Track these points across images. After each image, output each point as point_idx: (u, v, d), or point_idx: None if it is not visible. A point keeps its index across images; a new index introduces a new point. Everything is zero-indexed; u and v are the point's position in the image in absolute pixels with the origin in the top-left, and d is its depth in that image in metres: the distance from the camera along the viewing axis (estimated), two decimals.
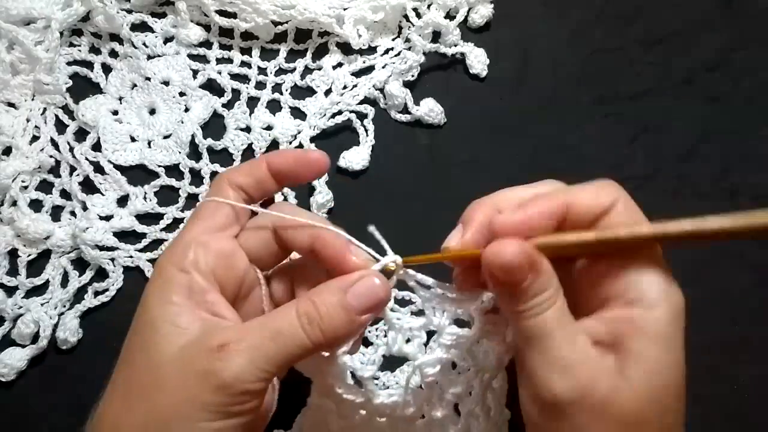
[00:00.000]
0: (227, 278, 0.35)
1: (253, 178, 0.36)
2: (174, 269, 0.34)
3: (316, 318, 0.32)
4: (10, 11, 0.53)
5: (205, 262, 0.34)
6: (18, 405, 0.47)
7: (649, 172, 0.52)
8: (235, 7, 0.54)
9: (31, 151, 0.52)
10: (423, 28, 0.54)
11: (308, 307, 0.32)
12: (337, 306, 0.32)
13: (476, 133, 0.53)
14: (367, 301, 0.32)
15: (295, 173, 0.37)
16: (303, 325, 0.31)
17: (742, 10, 0.56)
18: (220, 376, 0.30)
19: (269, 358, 0.31)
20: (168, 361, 0.31)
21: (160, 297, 0.33)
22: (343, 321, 0.32)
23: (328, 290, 0.33)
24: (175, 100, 0.53)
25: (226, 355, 0.30)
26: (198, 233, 0.35)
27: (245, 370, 0.30)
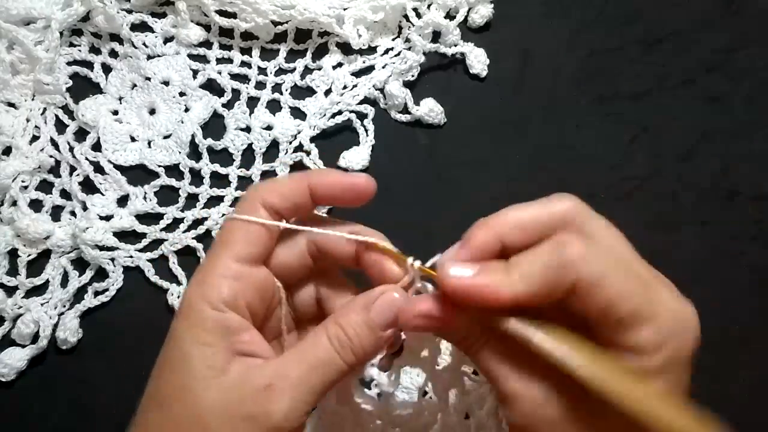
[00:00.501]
0: (260, 308, 0.34)
1: (291, 203, 0.34)
2: (206, 306, 0.32)
3: (346, 341, 0.32)
4: (10, 11, 0.53)
5: (243, 299, 0.32)
6: (18, 405, 0.47)
7: (649, 172, 0.52)
8: (235, 7, 0.54)
9: (31, 151, 0.52)
10: (423, 28, 0.54)
11: (338, 332, 0.32)
12: (363, 325, 0.32)
13: (476, 133, 0.53)
14: (391, 315, 0.32)
15: (341, 201, 0.35)
16: (337, 350, 0.32)
17: (742, 10, 0.56)
18: (271, 418, 0.30)
19: (312, 390, 0.31)
20: (210, 407, 0.30)
21: (192, 336, 0.31)
22: (371, 339, 0.32)
23: (352, 311, 0.33)
24: (175, 100, 0.53)
25: (272, 396, 0.30)
26: (230, 263, 0.32)
27: (293, 407, 0.30)
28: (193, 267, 0.48)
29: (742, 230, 0.51)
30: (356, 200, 0.34)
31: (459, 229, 0.35)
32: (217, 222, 0.50)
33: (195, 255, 0.50)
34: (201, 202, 0.51)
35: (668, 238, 0.50)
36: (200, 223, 0.50)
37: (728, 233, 0.51)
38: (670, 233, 0.51)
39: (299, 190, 0.34)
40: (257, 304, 0.33)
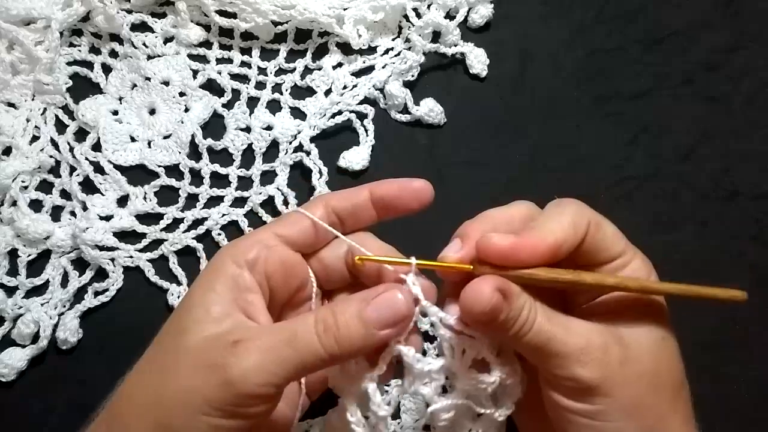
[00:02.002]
0: (281, 288, 0.35)
1: (350, 203, 0.36)
2: (229, 260, 0.34)
3: (332, 326, 0.31)
4: (10, 11, 0.53)
5: (264, 265, 0.34)
6: (18, 405, 0.47)
7: (649, 172, 0.52)
8: (235, 7, 0.53)
9: (31, 151, 0.52)
10: (423, 28, 0.54)
11: (326, 315, 0.31)
12: (354, 317, 0.31)
13: (476, 133, 0.53)
14: (388, 315, 0.32)
15: (400, 202, 0.36)
16: (318, 332, 0.31)
17: (742, 10, 0.56)
18: (228, 372, 0.30)
19: (280, 362, 0.30)
20: (189, 347, 0.32)
21: (205, 282, 0.34)
22: (360, 332, 0.31)
23: (349, 301, 0.32)
24: (175, 100, 0.53)
25: (237, 351, 0.30)
26: (268, 236, 0.35)
27: (253, 369, 0.30)
28: (193, 267, 0.49)
29: (742, 230, 0.51)
30: (415, 202, 0.36)
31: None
32: (217, 222, 0.50)
33: (195, 255, 0.50)
34: (201, 202, 0.51)
35: (668, 238, 0.50)
36: (200, 223, 0.50)
37: (728, 233, 0.51)
38: (670, 233, 0.51)
39: (359, 193, 0.36)
40: (278, 279, 0.35)
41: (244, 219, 0.50)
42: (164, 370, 0.32)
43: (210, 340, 0.31)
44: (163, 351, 0.33)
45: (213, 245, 0.50)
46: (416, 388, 0.33)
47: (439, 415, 0.33)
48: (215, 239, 0.50)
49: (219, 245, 0.50)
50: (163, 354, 0.33)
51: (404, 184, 0.36)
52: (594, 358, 0.31)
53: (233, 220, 0.50)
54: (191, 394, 0.30)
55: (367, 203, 0.36)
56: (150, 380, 0.32)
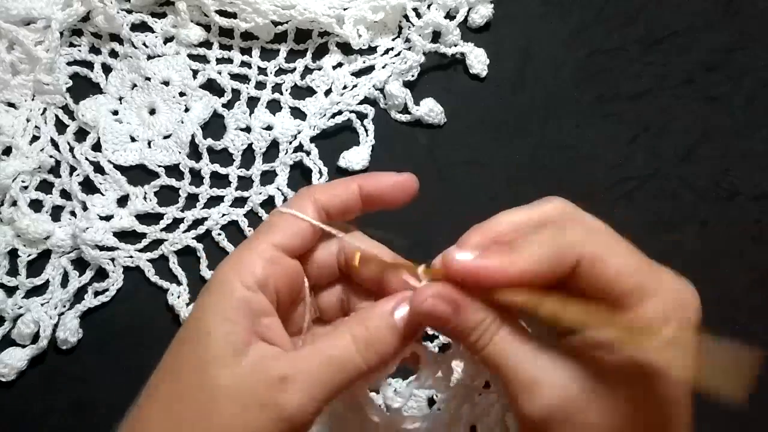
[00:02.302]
0: (287, 297, 0.35)
1: (340, 200, 0.35)
2: (237, 282, 0.32)
3: (370, 341, 0.32)
4: (10, 11, 0.53)
5: (274, 283, 0.33)
6: (18, 405, 0.47)
7: (649, 172, 0.52)
8: (235, 7, 0.54)
9: (31, 151, 0.52)
10: (423, 28, 0.54)
11: (362, 331, 0.32)
12: (387, 328, 0.32)
13: (476, 133, 0.53)
14: (412, 321, 0.32)
15: (389, 196, 0.36)
16: (359, 350, 0.31)
17: (742, 10, 0.56)
18: (284, 410, 0.30)
19: (328, 387, 0.31)
20: (224, 387, 0.30)
21: (217, 311, 0.32)
22: (394, 342, 0.32)
23: (376, 314, 0.33)
24: (175, 100, 0.53)
25: (285, 386, 0.30)
26: (266, 248, 0.33)
27: (306, 401, 0.30)
28: (193, 267, 0.49)
29: (742, 230, 0.51)
30: (404, 196, 0.35)
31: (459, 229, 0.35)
32: (217, 222, 0.50)
33: (195, 255, 0.50)
34: (201, 202, 0.51)
35: (668, 238, 0.50)
36: (200, 223, 0.50)
37: (728, 233, 0.51)
38: (670, 233, 0.51)
39: (348, 188, 0.35)
40: (285, 293, 0.34)
41: (244, 219, 0.50)
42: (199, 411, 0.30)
43: (247, 377, 0.31)
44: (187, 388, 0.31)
45: (213, 245, 0.50)
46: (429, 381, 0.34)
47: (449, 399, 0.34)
48: (215, 239, 0.50)
49: (219, 245, 0.50)
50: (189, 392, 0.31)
51: (391, 178, 0.36)
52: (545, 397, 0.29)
53: (233, 220, 0.50)
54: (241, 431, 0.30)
55: (356, 198, 0.35)
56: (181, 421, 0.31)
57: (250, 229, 0.50)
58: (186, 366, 0.32)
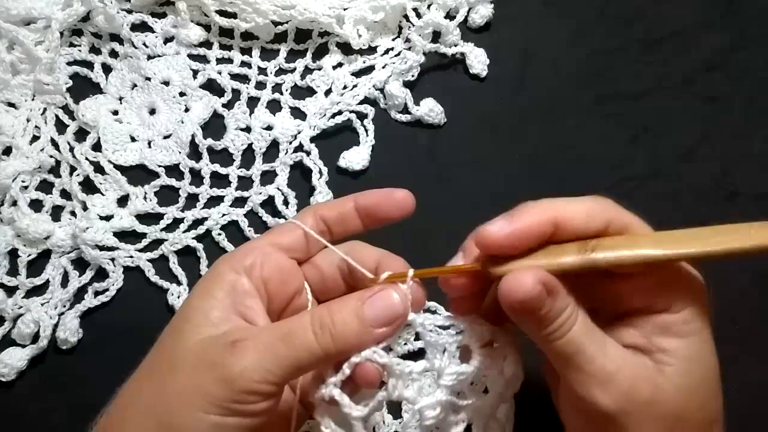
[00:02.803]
0: (278, 293, 0.36)
1: (337, 212, 0.37)
2: (226, 267, 0.35)
3: (328, 324, 0.32)
4: (10, 11, 0.53)
5: (260, 270, 0.35)
6: (18, 405, 0.47)
7: (649, 172, 0.52)
8: (235, 7, 0.54)
9: (31, 151, 0.52)
10: (423, 28, 0.54)
11: (323, 313, 0.32)
12: (351, 314, 0.32)
13: (476, 133, 0.53)
14: (383, 313, 0.32)
15: (381, 210, 0.37)
16: (315, 329, 0.31)
17: (742, 10, 0.56)
18: (227, 370, 0.30)
19: (277, 359, 0.31)
20: (187, 348, 0.32)
21: (203, 289, 0.34)
22: (355, 330, 0.32)
23: (345, 299, 0.33)
24: (175, 100, 0.53)
25: (235, 349, 0.31)
26: (264, 244, 0.36)
27: (252, 366, 0.30)
28: (193, 267, 0.49)
29: None
30: (395, 209, 0.37)
31: (459, 229, 0.35)
32: (217, 222, 0.50)
33: (195, 255, 0.50)
34: (201, 202, 0.51)
35: None
36: (200, 223, 0.50)
37: None
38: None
39: (345, 203, 0.37)
40: (275, 284, 0.36)
41: (244, 219, 0.50)
42: (163, 373, 0.32)
43: (209, 341, 0.32)
44: (161, 354, 0.34)
45: (213, 245, 0.50)
46: (400, 392, 0.33)
47: (425, 414, 0.33)
48: (215, 239, 0.50)
49: (219, 245, 0.50)
50: (162, 357, 0.33)
51: (386, 194, 0.37)
52: (619, 388, 0.31)
53: (233, 220, 0.50)
54: (192, 393, 0.31)
55: (352, 212, 0.37)
56: (149, 383, 0.33)
57: (250, 229, 0.50)
58: (166, 337, 0.34)
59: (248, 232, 0.50)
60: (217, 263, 0.36)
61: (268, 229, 0.50)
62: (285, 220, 0.50)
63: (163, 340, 0.34)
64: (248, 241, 0.37)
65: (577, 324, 0.31)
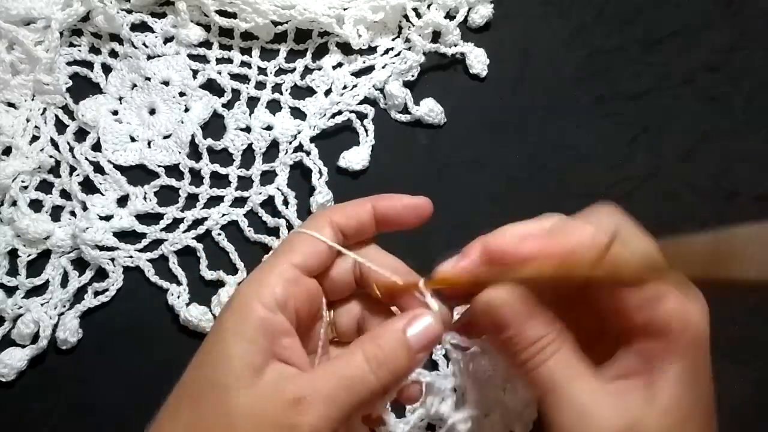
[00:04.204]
0: (306, 316, 0.35)
1: (355, 221, 0.36)
2: (257, 303, 0.32)
3: (383, 360, 0.31)
4: (10, 11, 0.53)
5: (294, 303, 0.33)
6: (18, 405, 0.47)
7: (649, 172, 0.52)
8: (235, 7, 0.54)
9: (31, 151, 0.52)
10: (423, 28, 0.54)
11: (375, 350, 0.32)
12: (399, 347, 0.32)
13: (476, 133, 0.53)
14: (425, 339, 0.32)
15: (401, 218, 0.36)
16: (373, 369, 0.31)
17: (742, 10, 0.56)
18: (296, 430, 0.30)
19: (342, 406, 0.30)
20: (241, 409, 0.30)
21: (237, 331, 0.32)
22: (407, 360, 0.32)
23: (389, 332, 0.32)
24: (175, 100, 0.53)
25: (302, 409, 0.30)
26: (287, 268, 0.34)
27: (321, 422, 0.30)
28: (193, 267, 0.49)
29: None
30: (416, 218, 0.36)
31: (458, 229, 0.35)
32: (217, 222, 0.50)
33: (195, 255, 0.50)
34: (201, 202, 0.51)
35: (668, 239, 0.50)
36: (200, 223, 0.50)
37: None
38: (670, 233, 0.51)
39: (363, 209, 0.36)
40: (305, 312, 0.34)
41: (244, 219, 0.50)
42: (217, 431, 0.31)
43: (264, 398, 0.31)
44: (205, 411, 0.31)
45: (213, 245, 0.50)
46: (437, 408, 0.34)
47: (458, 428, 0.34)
48: (215, 239, 0.50)
49: (219, 245, 0.50)
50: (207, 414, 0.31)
51: (407, 201, 0.36)
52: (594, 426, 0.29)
53: (233, 220, 0.50)
54: None
55: (370, 218, 0.36)
56: None
57: (250, 229, 0.50)
58: (205, 388, 0.31)
59: (248, 232, 0.50)
60: (243, 297, 0.33)
61: (267, 229, 0.50)
62: (285, 220, 0.50)
63: (200, 390, 0.32)
64: (267, 262, 0.34)
65: (557, 355, 0.30)
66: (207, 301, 0.48)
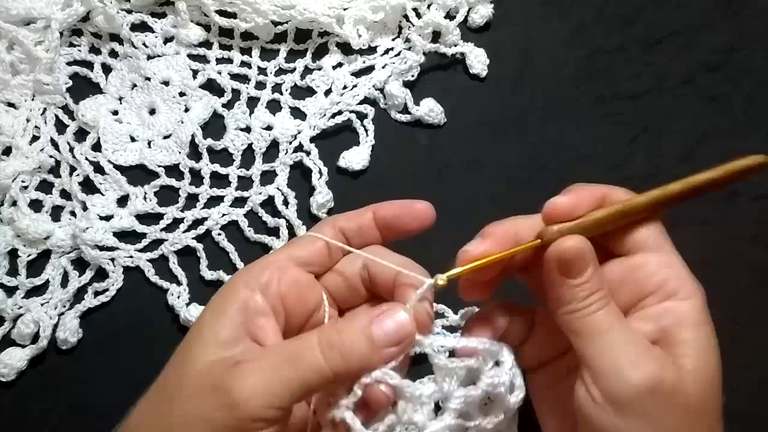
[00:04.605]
0: (296, 309, 0.35)
1: (356, 224, 0.36)
2: (241, 283, 0.34)
3: (337, 344, 0.31)
4: (10, 11, 0.53)
5: (277, 286, 0.34)
6: (18, 405, 0.47)
7: (649, 172, 0.52)
8: (235, 7, 0.54)
9: (31, 151, 0.52)
10: (423, 28, 0.54)
11: (330, 333, 0.31)
12: (360, 334, 0.31)
13: (476, 133, 0.53)
14: (393, 333, 0.31)
15: (400, 222, 0.36)
16: (323, 349, 0.30)
17: (742, 10, 0.56)
18: (231, 394, 0.29)
19: (284, 382, 0.30)
20: (193, 371, 0.31)
21: (216, 305, 0.33)
22: (364, 350, 0.31)
23: (353, 319, 0.32)
24: (175, 100, 0.53)
25: (238, 372, 0.30)
26: (282, 258, 0.35)
27: (257, 391, 0.29)
28: (193, 267, 0.49)
29: (742, 230, 0.51)
30: (414, 221, 0.36)
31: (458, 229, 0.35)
32: (217, 222, 0.50)
33: (195, 255, 0.50)
34: (201, 202, 0.51)
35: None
36: (200, 223, 0.50)
37: (728, 233, 0.51)
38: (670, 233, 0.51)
39: (364, 214, 0.37)
40: (293, 300, 0.34)
41: (244, 219, 0.50)
42: (170, 397, 0.31)
43: (214, 364, 0.31)
44: (169, 376, 0.32)
45: (213, 245, 0.50)
46: (409, 415, 0.32)
47: None
48: (215, 239, 0.50)
49: (219, 245, 0.50)
50: (170, 379, 0.32)
51: (405, 205, 0.36)
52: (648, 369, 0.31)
53: (233, 220, 0.50)
54: (195, 420, 0.30)
55: (371, 223, 0.36)
56: (156, 407, 0.32)
57: (250, 229, 0.50)
58: (176, 358, 0.33)
59: (248, 232, 0.50)
60: (232, 278, 0.35)
61: (267, 229, 0.50)
62: (285, 220, 0.50)
63: (173, 359, 0.33)
64: (265, 255, 0.36)
65: (609, 305, 0.33)
66: (207, 301, 0.48)
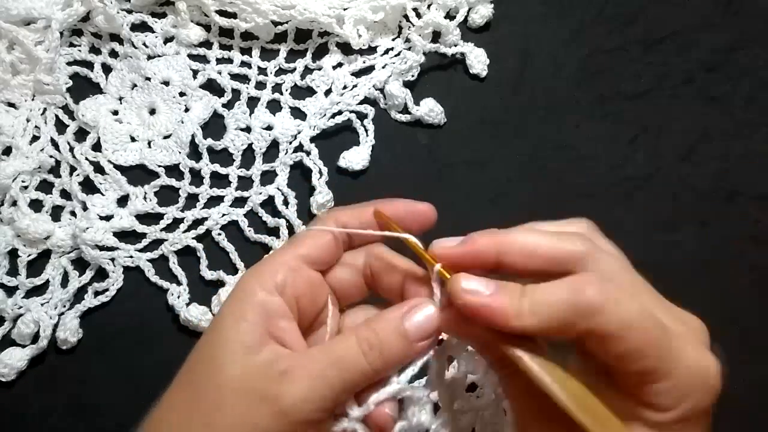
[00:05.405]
0: (309, 308, 0.35)
1: (357, 221, 0.36)
2: (256, 286, 0.33)
3: (376, 344, 0.31)
4: (10, 11, 0.53)
5: (293, 288, 0.34)
6: (18, 405, 0.47)
7: (649, 172, 0.52)
8: (235, 7, 0.54)
9: (31, 151, 0.52)
10: (423, 28, 0.54)
11: (368, 334, 0.32)
12: (395, 332, 0.32)
13: (476, 133, 0.53)
14: (424, 328, 0.32)
15: (402, 223, 0.36)
16: (364, 351, 0.31)
17: (742, 10, 0.56)
18: (282, 402, 0.30)
19: (330, 385, 0.31)
20: (230, 382, 0.31)
21: (235, 312, 0.33)
22: (401, 346, 0.32)
23: (386, 318, 0.33)
24: (175, 100, 0.53)
25: (286, 380, 0.30)
26: (291, 258, 0.35)
27: (306, 396, 0.30)
28: (193, 267, 0.49)
29: (742, 230, 0.51)
30: (416, 223, 0.36)
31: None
32: (217, 222, 0.50)
33: (195, 255, 0.50)
34: (201, 202, 0.51)
35: (668, 238, 0.50)
36: (200, 223, 0.50)
37: (728, 233, 0.51)
38: (670, 233, 0.51)
39: (366, 212, 0.36)
40: (306, 302, 0.35)
41: (244, 219, 0.50)
42: (207, 408, 0.31)
43: (254, 373, 0.31)
44: (199, 386, 0.32)
45: (213, 245, 0.50)
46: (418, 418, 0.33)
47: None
48: (215, 239, 0.50)
49: (219, 245, 0.50)
50: (200, 390, 0.32)
51: (409, 206, 0.36)
52: None
53: (233, 220, 0.50)
54: (244, 428, 0.30)
55: (372, 222, 0.36)
56: (191, 419, 0.31)
57: (250, 229, 0.50)
58: (201, 366, 0.32)
59: (248, 232, 0.50)
60: (244, 280, 0.34)
61: (268, 229, 0.50)
62: (285, 220, 0.50)
63: (196, 368, 0.33)
64: (272, 254, 0.36)
65: None
66: (207, 301, 0.48)
